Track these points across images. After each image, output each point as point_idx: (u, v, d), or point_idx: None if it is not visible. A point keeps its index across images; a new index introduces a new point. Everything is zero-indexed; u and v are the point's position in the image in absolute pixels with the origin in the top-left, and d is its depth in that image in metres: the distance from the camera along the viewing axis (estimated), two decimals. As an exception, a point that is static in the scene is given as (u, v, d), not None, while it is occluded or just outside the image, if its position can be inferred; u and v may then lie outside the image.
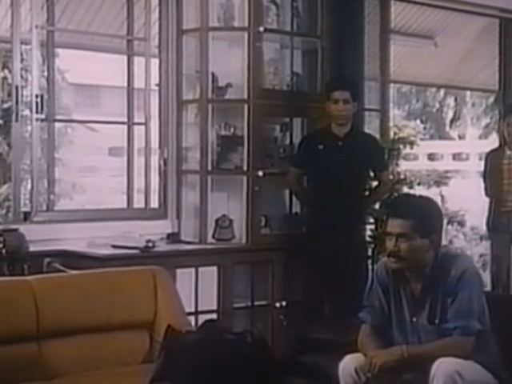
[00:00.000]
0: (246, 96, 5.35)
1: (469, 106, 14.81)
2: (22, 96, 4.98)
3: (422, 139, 11.25)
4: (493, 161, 6.22)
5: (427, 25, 8.04)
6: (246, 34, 5.33)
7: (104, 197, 8.73)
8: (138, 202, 5.53)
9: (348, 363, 3.51)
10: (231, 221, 5.38)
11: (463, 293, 3.41)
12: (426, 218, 3.52)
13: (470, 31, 8.30)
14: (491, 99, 12.55)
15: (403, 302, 3.57)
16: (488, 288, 6.31)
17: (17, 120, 4.95)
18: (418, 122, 14.32)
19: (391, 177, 5.95)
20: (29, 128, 5.10)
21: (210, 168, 5.34)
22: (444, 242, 10.73)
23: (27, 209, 5.02)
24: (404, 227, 3.47)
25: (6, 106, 7.84)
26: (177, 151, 5.52)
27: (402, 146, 6.62)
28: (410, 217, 3.48)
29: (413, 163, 10.92)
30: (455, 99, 14.85)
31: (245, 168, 5.37)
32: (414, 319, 3.53)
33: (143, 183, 5.54)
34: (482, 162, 6.41)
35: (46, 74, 5.25)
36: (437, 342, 3.42)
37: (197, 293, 5.10)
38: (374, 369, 3.39)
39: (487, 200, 6.26)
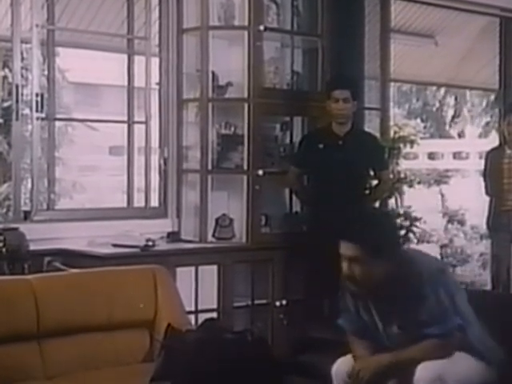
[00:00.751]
0: (246, 95, 5.35)
1: (469, 104, 14.82)
2: (22, 95, 4.97)
3: (422, 138, 11.22)
4: (493, 160, 6.22)
5: (427, 24, 8.05)
6: (246, 33, 5.33)
7: (104, 196, 8.72)
8: (139, 201, 5.53)
9: (341, 366, 3.46)
10: (231, 220, 5.38)
11: (431, 294, 3.25)
12: (379, 237, 3.28)
13: (470, 30, 8.31)
14: (491, 98, 12.55)
15: (373, 312, 3.43)
16: (488, 287, 6.32)
17: (17, 119, 4.95)
18: (418, 120, 14.31)
19: (391, 176, 5.96)
20: (29, 127, 5.10)
21: (210, 167, 5.34)
22: (444, 241, 10.64)
23: (27, 208, 5.02)
24: (355, 251, 3.27)
25: (6, 104, 7.83)
26: (177, 150, 5.52)
27: (402, 145, 6.64)
28: (360, 240, 3.27)
29: (413, 162, 10.91)
30: (455, 98, 14.86)
31: (245, 167, 5.36)
32: (388, 330, 3.40)
33: (143, 182, 5.53)
34: (482, 161, 6.41)
35: (46, 72, 5.25)
36: (420, 345, 3.28)
37: (197, 292, 5.09)
38: (361, 382, 3.32)
39: (487, 199, 6.25)
